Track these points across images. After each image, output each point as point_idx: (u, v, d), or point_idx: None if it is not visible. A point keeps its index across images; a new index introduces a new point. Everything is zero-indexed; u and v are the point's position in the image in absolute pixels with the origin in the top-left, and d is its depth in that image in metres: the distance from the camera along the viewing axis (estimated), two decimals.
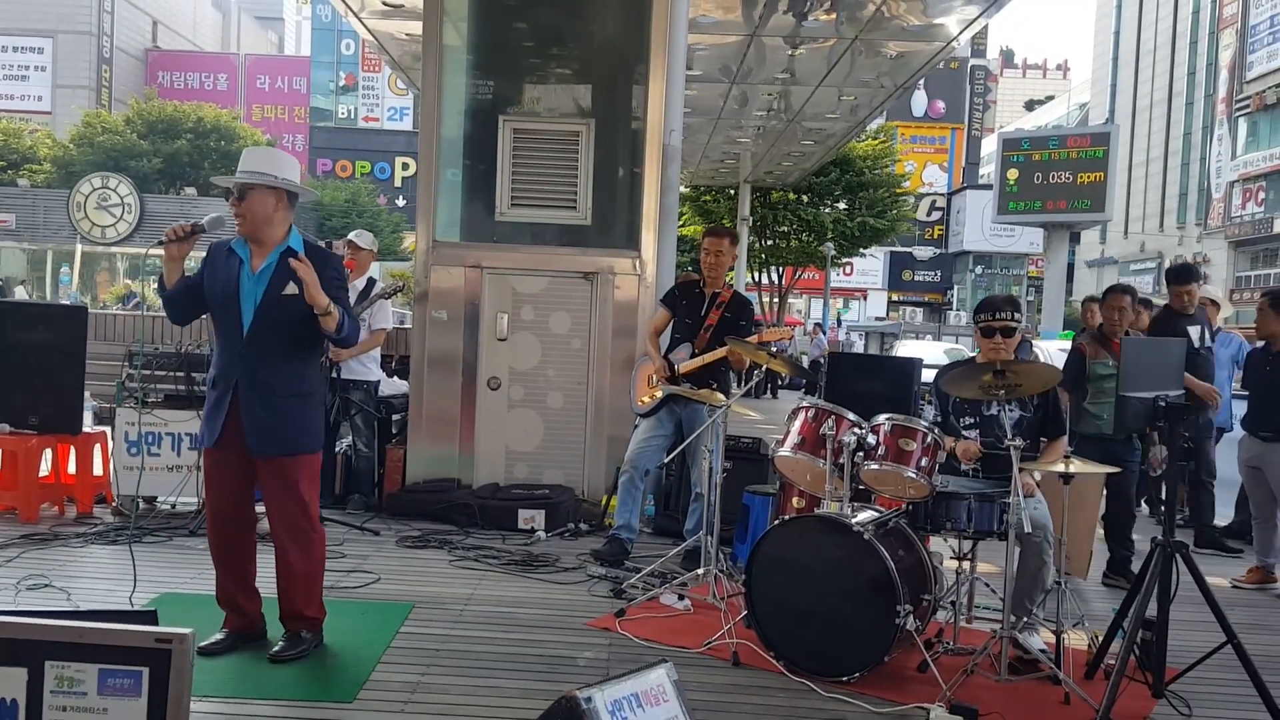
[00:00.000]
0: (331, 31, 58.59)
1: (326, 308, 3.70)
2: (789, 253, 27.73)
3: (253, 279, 3.84)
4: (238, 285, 3.83)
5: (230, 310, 3.83)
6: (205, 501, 3.95)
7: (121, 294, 35.92)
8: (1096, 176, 27.49)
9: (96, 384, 7.40)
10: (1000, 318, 4.39)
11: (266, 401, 3.81)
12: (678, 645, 4.24)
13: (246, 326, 3.81)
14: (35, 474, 6.06)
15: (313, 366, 4.05)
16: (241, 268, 3.85)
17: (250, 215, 3.83)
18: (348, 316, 3.84)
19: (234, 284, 3.84)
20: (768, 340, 5.43)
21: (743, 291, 9.02)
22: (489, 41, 7.39)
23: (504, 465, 6.96)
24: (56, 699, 1.97)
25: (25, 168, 42.59)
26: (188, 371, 6.23)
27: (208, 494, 3.96)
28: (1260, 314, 6.00)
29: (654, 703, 2.59)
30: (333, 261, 3.97)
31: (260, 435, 3.81)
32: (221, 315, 3.86)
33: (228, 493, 3.92)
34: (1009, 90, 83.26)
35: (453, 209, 7.23)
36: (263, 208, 3.84)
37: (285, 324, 3.82)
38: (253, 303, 3.81)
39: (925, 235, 54.41)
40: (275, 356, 3.83)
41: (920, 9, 9.30)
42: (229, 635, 3.95)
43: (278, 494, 3.90)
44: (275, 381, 3.83)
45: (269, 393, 3.81)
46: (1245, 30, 41.44)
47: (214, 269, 3.90)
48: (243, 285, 3.83)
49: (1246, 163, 40.77)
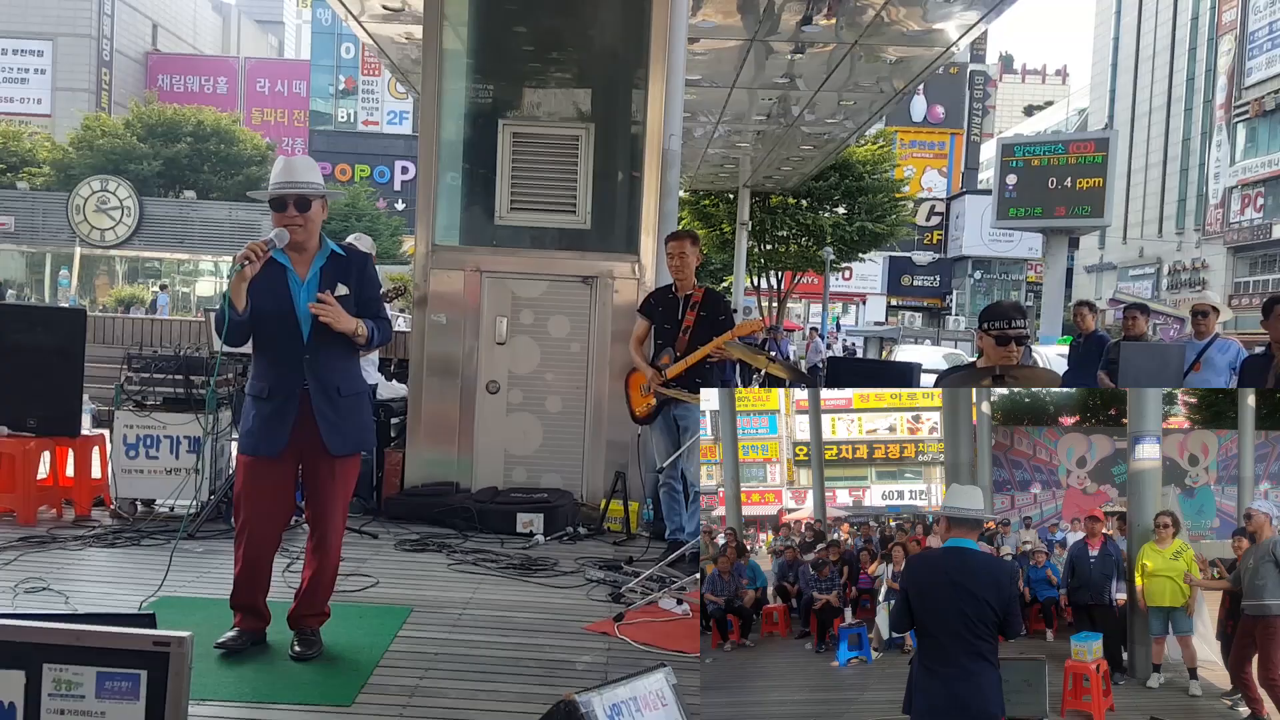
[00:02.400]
0: (331, 35, 58.68)
1: (355, 330, 3.85)
2: (788, 257, 27.73)
3: (304, 286, 3.88)
4: (290, 294, 3.87)
5: (287, 320, 3.86)
6: (245, 508, 3.95)
7: (124, 296, 35.88)
8: (1095, 182, 27.54)
9: (95, 387, 7.40)
10: (1016, 326, 4.39)
11: (335, 404, 3.92)
12: (676, 650, 4.23)
13: (307, 334, 3.86)
14: (33, 476, 6.06)
15: (359, 366, 4.18)
16: (288, 277, 3.89)
17: (311, 226, 3.90)
18: (379, 319, 4.02)
19: (286, 293, 3.87)
20: (742, 334, 5.56)
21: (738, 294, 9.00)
22: (489, 45, 7.39)
23: (502, 469, 6.95)
24: (54, 702, 1.97)
25: (25, 170, 42.61)
26: (186, 375, 6.23)
27: (251, 502, 3.95)
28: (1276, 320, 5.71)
29: (652, 707, 2.59)
30: (370, 262, 4.13)
31: (340, 436, 3.93)
32: (277, 326, 3.86)
33: (277, 500, 3.99)
34: (1008, 95, 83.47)
35: (452, 213, 7.24)
36: (319, 217, 3.94)
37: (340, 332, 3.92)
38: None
39: (924, 240, 54.47)
40: (335, 360, 3.93)
41: (920, 14, 9.31)
42: (243, 633, 3.98)
43: (337, 493, 4.01)
44: (340, 383, 3.95)
45: (336, 394, 3.92)
46: (1244, 36, 41.48)
47: (256, 282, 3.83)
48: (295, 294, 3.87)
49: (1245, 168, 40.81)
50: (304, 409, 3.87)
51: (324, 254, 3.95)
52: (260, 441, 3.91)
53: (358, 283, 3.97)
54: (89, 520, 6.12)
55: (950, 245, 54.82)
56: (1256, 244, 39.96)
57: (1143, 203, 50.06)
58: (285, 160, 3.99)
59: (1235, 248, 41.36)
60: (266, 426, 3.89)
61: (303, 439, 3.89)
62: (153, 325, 12.24)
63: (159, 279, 42.62)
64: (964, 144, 56.43)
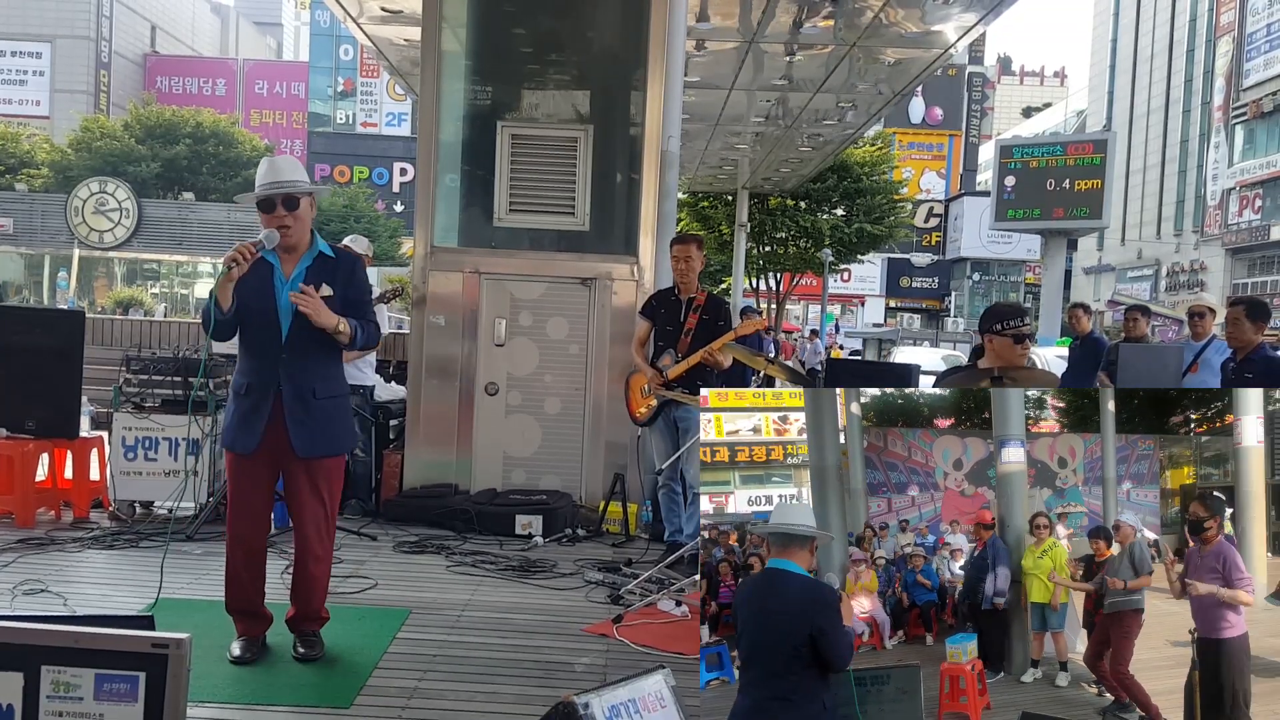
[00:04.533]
0: (330, 37, 58.65)
1: (335, 327, 3.79)
2: (787, 259, 27.76)
3: (287, 285, 3.86)
4: (273, 292, 3.85)
5: (268, 318, 3.83)
6: (230, 509, 3.95)
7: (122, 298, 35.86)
8: (1094, 183, 27.54)
9: (93, 389, 7.39)
10: (1027, 324, 4.37)
11: (309, 405, 3.87)
12: (675, 651, 4.23)
13: (285, 333, 3.84)
14: (32, 478, 6.05)
15: (342, 369, 4.12)
16: (274, 275, 3.87)
17: (301, 224, 3.88)
18: (365, 320, 3.95)
19: (269, 291, 3.85)
20: (744, 334, 5.60)
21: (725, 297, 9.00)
22: (488, 47, 7.39)
23: (501, 470, 6.95)
24: (53, 704, 1.97)
25: (23, 172, 42.60)
26: (185, 376, 6.23)
27: (235, 502, 3.95)
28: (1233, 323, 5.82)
29: (651, 709, 2.59)
30: (359, 264, 4.08)
31: (308, 438, 3.87)
32: (258, 323, 3.85)
33: (258, 499, 3.97)
34: (1006, 97, 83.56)
35: (451, 214, 7.24)
36: (308, 215, 3.91)
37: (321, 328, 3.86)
38: (291, 309, 3.81)
39: (923, 242, 54.51)
40: (313, 361, 3.89)
41: (918, 16, 9.31)
42: (250, 641, 3.97)
43: (312, 495, 3.95)
44: (316, 385, 3.90)
45: (310, 396, 3.88)
46: (1242, 38, 41.53)
47: (243, 280, 3.81)
48: (278, 292, 3.85)
49: (1243, 170, 40.85)
50: (276, 408, 3.85)
51: (312, 254, 3.93)
52: (236, 438, 3.90)
53: (344, 285, 3.93)
54: (87, 522, 6.11)
55: (949, 247, 54.85)
56: (1255, 245, 40.00)
57: (1141, 204, 50.11)
58: (269, 160, 3.97)
59: (1233, 249, 41.40)
60: (243, 423, 3.88)
61: (275, 439, 3.86)
62: (151, 327, 12.23)
63: (158, 280, 42.66)
64: (962, 146, 56.47)
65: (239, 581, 3.97)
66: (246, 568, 3.97)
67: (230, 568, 3.96)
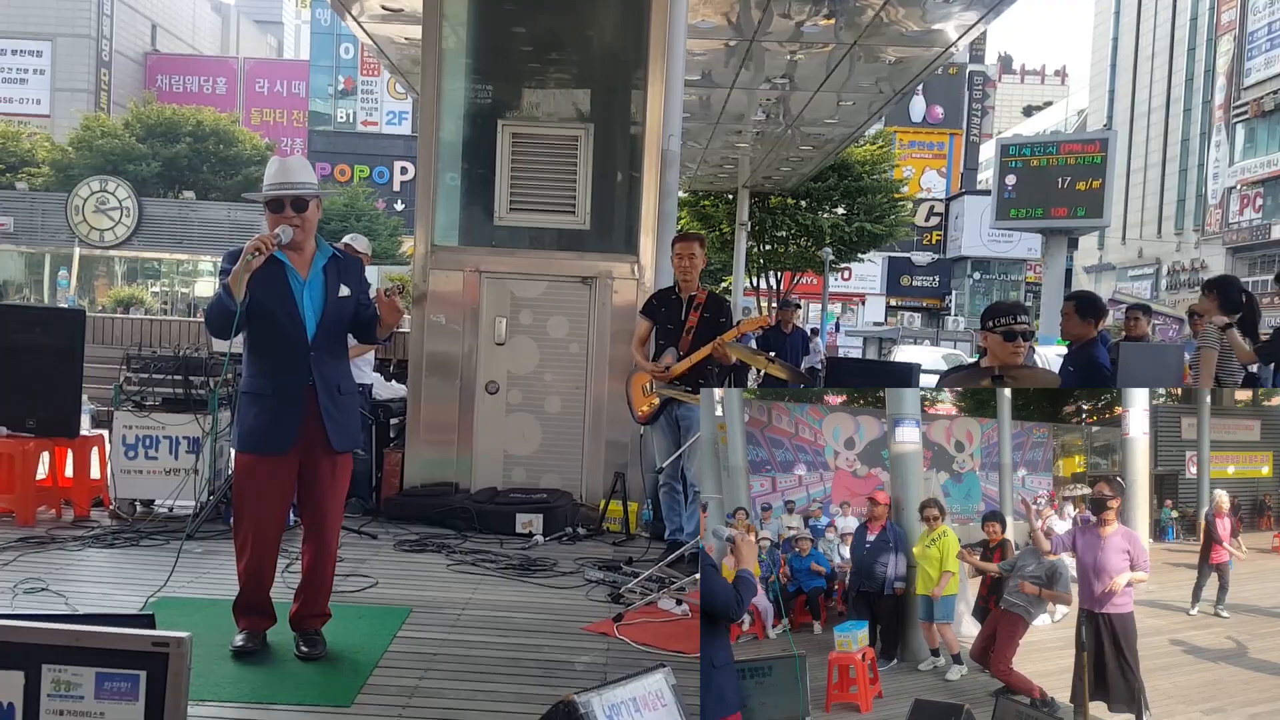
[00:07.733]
0: (330, 35, 58.64)
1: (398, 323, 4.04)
2: (787, 258, 27.73)
3: (306, 285, 3.92)
4: (292, 294, 3.90)
5: (292, 317, 3.88)
6: (247, 508, 3.96)
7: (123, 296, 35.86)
8: (1094, 183, 27.56)
9: (94, 387, 7.39)
10: (1020, 322, 4.37)
11: (337, 400, 3.97)
12: (676, 650, 4.22)
13: (311, 332, 3.90)
14: (32, 477, 6.06)
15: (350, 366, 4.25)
16: (289, 276, 3.90)
17: (308, 225, 3.93)
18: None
19: (287, 290, 3.89)
20: (746, 330, 5.56)
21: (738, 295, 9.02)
22: (488, 46, 7.39)
23: (502, 469, 6.95)
24: (53, 703, 1.97)
25: (24, 171, 42.61)
26: (185, 375, 6.23)
27: (254, 500, 3.94)
28: (1064, 317, 5.78)
29: (652, 707, 2.59)
30: (362, 264, 4.24)
31: (342, 433, 3.98)
32: (282, 322, 3.88)
33: (280, 498, 4.01)
34: (1007, 96, 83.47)
35: (451, 213, 7.23)
36: (315, 217, 3.97)
37: (341, 326, 4.02)
38: (314, 308, 3.91)
39: (923, 241, 54.44)
40: (335, 358, 4.02)
41: (919, 15, 9.30)
42: (253, 634, 3.98)
43: (335, 490, 4.04)
44: (341, 381, 4.02)
45: (337, 392, 3.98)
46: (1243, 37, 41.51)
47: (255, 279, 3.81)
48: (297, 293, 3.90)
49: (1244, 169, 40.83)
50: (310, 406, 3.90)
51: (325, 254, 4.00)
52: (266, 439, 3.90)
53: (357, 284, 4.07)
54: (88, 521, 6.11)
55: (949, 246, 54.79)
56: (1255, 244, 39.98)
57: (1142, 203, 50.09)
58: (280, 161, 4.00)
59: (1234, 248, 41.38)
60: (274, 423, 3.89)
61: (307, 436, 3.91)
62: (152, 326, 12.22)
63: (158, 279, 42.65)
64: (963, 144, 56.40)
65: (258, 580, 3.98)
66: (264, 567, 3.99)
67: (249, 566, 3.96)
